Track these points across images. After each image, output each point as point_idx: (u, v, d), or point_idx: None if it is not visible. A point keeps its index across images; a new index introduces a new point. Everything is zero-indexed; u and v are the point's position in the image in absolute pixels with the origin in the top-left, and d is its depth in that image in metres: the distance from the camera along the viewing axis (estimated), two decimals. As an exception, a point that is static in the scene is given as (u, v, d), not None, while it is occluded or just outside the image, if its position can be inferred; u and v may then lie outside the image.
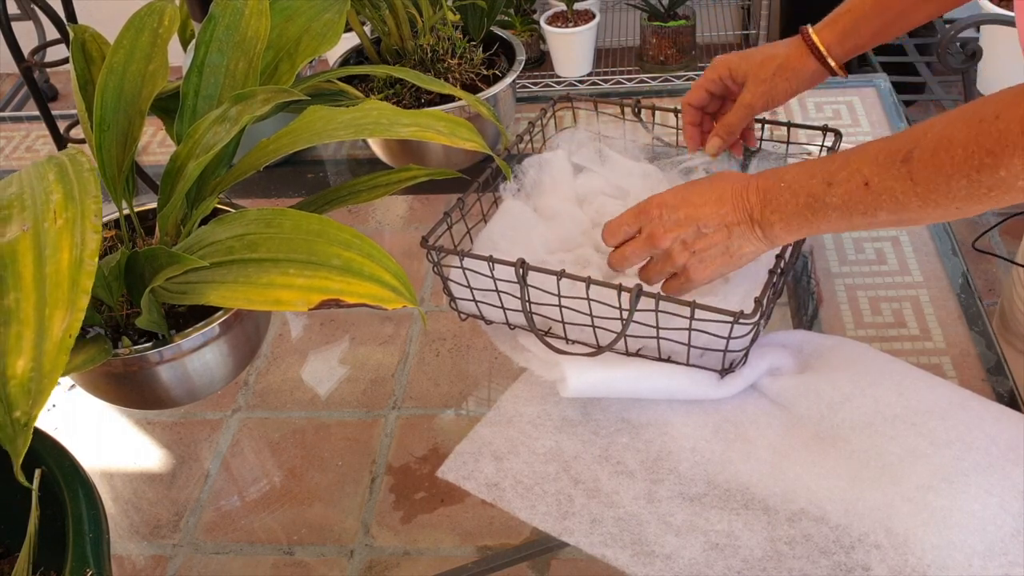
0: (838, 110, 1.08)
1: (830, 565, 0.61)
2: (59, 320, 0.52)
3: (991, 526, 0.61)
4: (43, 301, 0.53)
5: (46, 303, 0.53)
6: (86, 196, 0.57)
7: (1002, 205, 0.59)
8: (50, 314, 0.52)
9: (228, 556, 0.69)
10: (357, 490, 0.73)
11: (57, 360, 0.51)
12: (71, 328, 0.52)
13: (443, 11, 0.99)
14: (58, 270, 0.54)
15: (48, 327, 0.52)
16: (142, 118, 0.73)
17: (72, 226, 0.56)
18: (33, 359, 0.51)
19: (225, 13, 0.76)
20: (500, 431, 0.74)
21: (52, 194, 0.58)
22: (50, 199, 0.57)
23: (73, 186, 0.58)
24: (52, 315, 0.52)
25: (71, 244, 0.55)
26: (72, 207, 0.57)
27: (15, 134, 1.22)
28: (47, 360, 0.51)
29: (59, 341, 0.52)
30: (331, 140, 0.68)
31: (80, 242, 0.55)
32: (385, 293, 0.59)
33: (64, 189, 0.58)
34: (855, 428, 0.68)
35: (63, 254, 0.55)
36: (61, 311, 0.53)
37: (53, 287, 0.53)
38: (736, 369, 0.73)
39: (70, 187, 0.58)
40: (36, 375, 0.51)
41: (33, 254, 0.55)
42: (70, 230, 0.56)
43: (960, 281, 0.84)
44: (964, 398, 0.69)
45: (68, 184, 0.58)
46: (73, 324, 0.52)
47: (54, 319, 0.52)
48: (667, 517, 0.66)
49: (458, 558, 0.67)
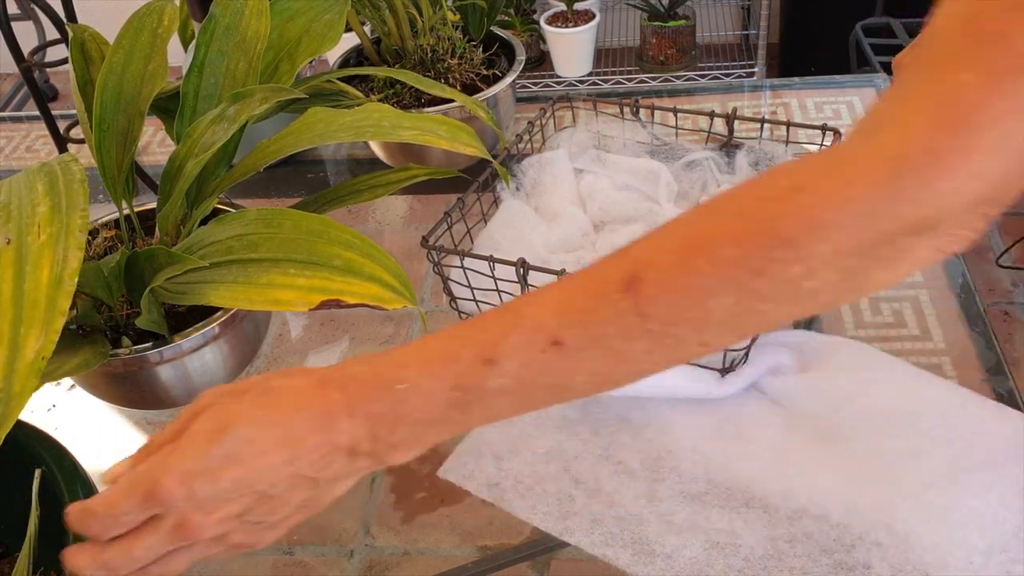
0: (838, 110, 1.08)
1: (831, 563, 0.61)
2: (33, 340, 0.51)
3: (992, 524, 0.61)
4: (19, 319, 0.51)
5: (21, 321, 0.51)
6: (73, 210, 0.56)
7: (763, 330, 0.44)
8: (25, 333, 0.51)
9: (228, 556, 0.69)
10: (357, 490, 0.72)
11: (27, 382, 0.49)
12: (44, 350, 0.50)
13: (443, 11, 0.99)
14: (37, 287, 0.52)
15: (22, 346, 0.50)
16: (142, 118, 0.73)
17: (55, 242, 0.54)
18: (3, 378, 0.50)
19: (225, 13, 0.76)
20: (500, 431, 0.73)
21: (39, 206, 0.56)
22: (36, 211, 0.56)
23: (61, 198, 0.57)
24: (27, 334, 0.51)
25: (52, 261, 0.53)
26: (57, 221, 0.55)
27: (15, 134, 1.22)
28: (17, 380, 0.50)
29: (31, 362, 0.50)
30: (332, 142, 0.68)
31: (62, 259, 0.53)
32: (385, 293, 0.59)
33: (52, 202, 0.56)
34: (856, 427, 0.68)
35: (43, 271, 0.53)
36: (36, 331, 0.51)
37: (30, 305, 0.52)
38: (737, 368, 0.73)
39: (58, 199, 0.56)
40: (4, 396, 0.49)
41: (14, 269, 0.53)
42: (52, 246, 0.54)
43: (960, 281, 0.84)
44: (964, 397, 0.69)
45: (56, 196, 0.57)
46: (47, 346, 0.50)
47: (28, 339, 0.51)
48: (668, 516, 0.66)
49: (458, 558, 0.67)
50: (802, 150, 0.96)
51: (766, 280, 0.40)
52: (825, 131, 0.86)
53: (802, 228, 0.39)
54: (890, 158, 0.38)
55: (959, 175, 0.37)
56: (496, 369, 0.43)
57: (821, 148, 0.86)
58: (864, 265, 0.40)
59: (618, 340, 0.41)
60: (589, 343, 0.42)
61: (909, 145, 0.37)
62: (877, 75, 1.14)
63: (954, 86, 0.36)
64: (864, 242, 0.39)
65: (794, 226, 0.39)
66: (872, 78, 1.13)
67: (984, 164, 0.36)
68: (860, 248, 0.39)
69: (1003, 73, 0.35)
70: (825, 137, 0.86)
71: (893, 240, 0.39)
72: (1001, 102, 0.35)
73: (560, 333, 0.42)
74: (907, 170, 0.37)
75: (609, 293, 0.42)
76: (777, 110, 1.09)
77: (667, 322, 0.41)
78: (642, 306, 0.41)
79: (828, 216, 0.39)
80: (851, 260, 0.39)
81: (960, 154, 0.36)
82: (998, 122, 0.35)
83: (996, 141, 0.35)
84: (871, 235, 0.39)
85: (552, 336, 0.42)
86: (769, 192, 0.41)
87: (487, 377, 0.43)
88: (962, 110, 0.36)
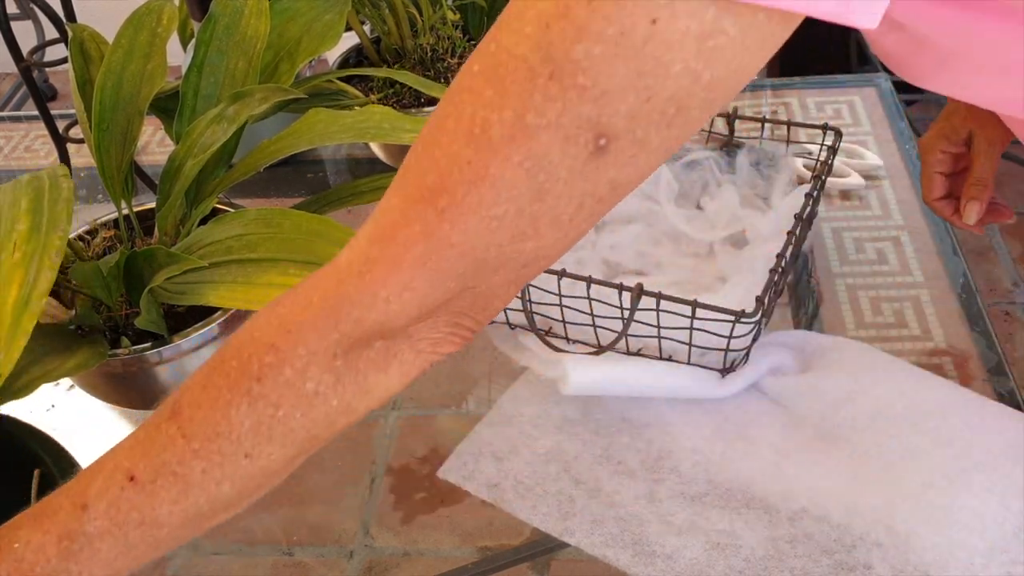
0: (838, 110, 1.08)
1: (831, 564, 0.61)
2: None
3: (992, 524, 0.60)
4: None
5: None
6: (53, 230, 0.56)
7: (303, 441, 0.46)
8: None
9: (228, 556, 0.69)
10: (357, 491, 0.72)
11: None
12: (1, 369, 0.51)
13: (443, 10, 0.99)
14: (2, 306, 0.52)
15: None
16: (141, 117, 0.73)
17: (28, 261, 0.54)
18: None
19: (225, 13, 0.76)
20: (500, 431, 0.73)
21: (18, 223, 0.56)
22: (15, 227, 0.56)
23: (43, 217, 0.56)
24: None
25: (22, 281, 0.53)
26: (35, 240, 0.55)
27: (14, 134, 1.22)
28: None
29: None
30: (332, 143, 0.68)
31: (32, 280, 0.53)
32: (385, 293, 0.59)
33: (32, 220, 0.56)
34: (856, 427, 0.68)
35: (11, 290, 0.53)
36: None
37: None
38: (737, 368, 0.73)
39: (39, 218, 0.56)
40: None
41: None
42: (25, 265, 0.54)
43: (961, 281, 0.84)
44: (965, 397, 0.69)
45: (39, 215, 0.57)
46: (5, 364, 0.51)
47: None
48: (668, 517, 0.66)
49: (458, 558, 0.67)
50: (803, 150, 0.96)
51: (268, 385, 0.44)
52: (826, 131, 0.86)
53: (279, 334, 0.44)
54: (337, 269, 0.44)
55: (390, 284, 0.42)
56: (89, 513, 0.45)
57: (821, 148, 0.86)
58: (354, 367, 0.45)
59: (176, 465, 0.44)
60: (156, 473, 0.44)
61: (352, 256, 0.43)
62: (878, 75, 1.14)
63: (386, 207, 0.42)
64: (337, 342, 0.44)
65: (274, 334, 0.44)
66: (873, 78, 1.13)
67: (410, 276, 0.41)
68: (337, 349, 0.44)
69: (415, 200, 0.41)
70: (826, 136, 0.86)
71: (369, 343, 0.44)
72: (414, 224, 0.41)
73: (132, 468, 0.45)
74: (349, 278, 0.43)
75: (161, 423, 0.45)
76: (778, 109, 1.09)
77: (206, 439, 0.44)
78: (184, 428, 0.44)
79: (296, 319, 0.44)
80: (336, 361, 0.44)
81: (388, 265, 0.42)
82: (413, 241, 0.41)
83: (417, 257, 0.41)
84: (338, 336, 0.43)
85: (127, 472, 0.45)
86: (259, 310, 0.46)
87: (84, 521, 0.45)
88: (388, 227, 0.42)
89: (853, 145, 0.98)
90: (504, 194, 0.39)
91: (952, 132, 0.77)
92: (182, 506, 0.45)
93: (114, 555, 0.45)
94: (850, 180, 0.95)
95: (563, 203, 0.40)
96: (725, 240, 0.84)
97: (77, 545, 0.45)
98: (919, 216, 0.91)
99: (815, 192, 0.79)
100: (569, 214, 0.40)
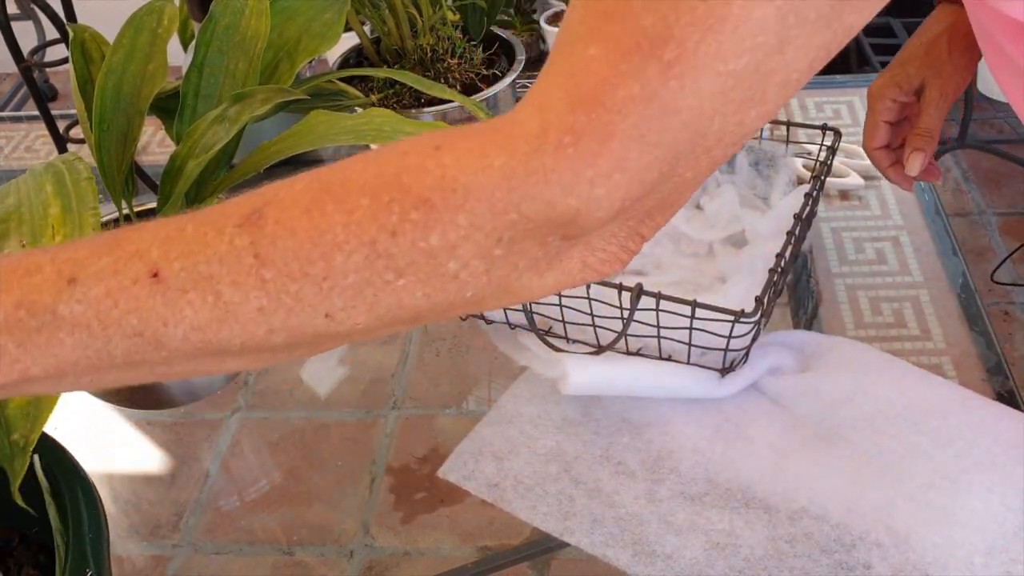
0: (838, 110, 1.08)
1: (831, 563, 0.61)
2: None
3: (992, 524, 0.61)
4: None
5: None
6: (84, 208, 0.57)
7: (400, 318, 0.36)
8: None
9: (228, 556, 0.69)
10: (357, 490, 0.72)
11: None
12: None
13: (443, 11, 0.99)
14: None
15: None
16: (141, 118, 0.73)
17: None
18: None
19: (225, 13, 0.76)
20: (500, 431, 0.73)
21: (50, 207, 0.57)
22: (48, 212, 0.56)
23: (71, 198, 0.57)
24: None
25: None
26: (70, 221, 0.56)
27: (14, 134, 1.22)
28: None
29: None
30: (333, 145, 0.68)
31: None
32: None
33: (62, 202, 0.57)
34: (856, 427, 0.68)
35: None
36: None
37: None
38: (737, 368, 0.73)
39: (68, 200, 0.57)
40: (34, 398, 0.50)
41: None
42: None
43: (960, 281, 0.84)
44: (965, 397, 0.69)
45: (66, 196, 0.57)
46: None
47: None
48: (668, 517, 0.66)
49: (458, 558, 0.67)
50: (802, 150, 0.96)
51: (401, 243, 0.34)
52: (825, 131, 0.86)
53: (437, 190, 0.34)
54: (527, 134, 0.34)
55: (600, 163, 0.33)
56: (74, 291, 0.34)
57: (821, 148, 0.86)
58: (512, 261, 0.36)
59: (228, 286, 0.34)
60: (193, 282, 0.34)
61: (548, 122, 0.34)
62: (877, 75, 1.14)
63: (581, 59, 0.33)
64: (510, 225, 0.34)
65: (431, 187, 0.34)
66: (872, 78, 1.13)
67: (622, 153, 0.33)
68: (506, 233, 0.35)
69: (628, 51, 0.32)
70: (825, 137, 0.86)
71: (544, 238, 0.36)
72: (630, 83, 0.32)
73: (161, 264, 0.34)
74: (547, 148, 0.33)
75: (225, 226, 0.35)
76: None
77: (286, 273, 0.34)
78: (260, 245, 0.34)
79: (465, 179, 0.34)
80: (496, 249, 0.35)
81: (598, 138, 0.33)
82: (628, 105, 0.32)
83: (632, 128, 0.33)
84: (516, 217, 0.34)
85: (151, 266, 0.34)
86: (412, 147, 0.35)
87: (62, 299, 0.34)
88: (595, 87, 0.33)
89: (853, 145, 0.98)
90: (748, 41, 0.31)
91: (905, 80, 0.76)
92: (205, 336, 0.35)
93: (74, 358, 0.35)
94: (849, 180, 0.95)
95: (800, 57, 0.33)
96: (725, 240, 0.84)
97: (36, 322, 0.34)
98: (918, 216, 0.91)
99: (814, 192, 0.79)
100: (799, 72, 0.33)
